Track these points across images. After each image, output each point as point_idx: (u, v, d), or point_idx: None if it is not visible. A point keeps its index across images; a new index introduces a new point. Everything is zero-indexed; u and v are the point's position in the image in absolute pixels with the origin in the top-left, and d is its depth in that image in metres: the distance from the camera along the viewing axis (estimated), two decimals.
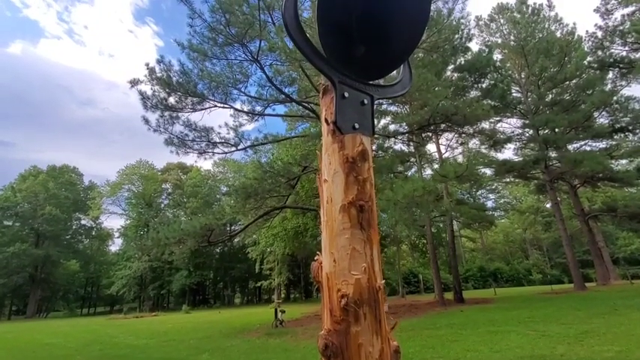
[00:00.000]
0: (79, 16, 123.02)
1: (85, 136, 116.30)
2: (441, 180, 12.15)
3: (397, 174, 18.16)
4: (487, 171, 23.11)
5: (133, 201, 47.50)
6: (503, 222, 47.46)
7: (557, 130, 21.80)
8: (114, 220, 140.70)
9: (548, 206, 36.36)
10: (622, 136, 21.63)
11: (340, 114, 1.24)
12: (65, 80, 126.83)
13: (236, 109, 13.42)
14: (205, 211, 21.08)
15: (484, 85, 19.36)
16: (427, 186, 10.27)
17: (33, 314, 41.51)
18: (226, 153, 14.21)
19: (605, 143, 22.27)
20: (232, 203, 14.98)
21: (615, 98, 20.36)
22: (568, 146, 22.71)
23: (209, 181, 50.15)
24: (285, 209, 17.10)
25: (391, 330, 1.17)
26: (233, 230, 22.58)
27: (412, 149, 19.25)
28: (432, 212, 16.69)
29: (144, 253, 24.18)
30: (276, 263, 34.78)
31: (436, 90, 11.94)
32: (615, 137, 21.59)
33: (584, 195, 30.22)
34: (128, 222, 47.50)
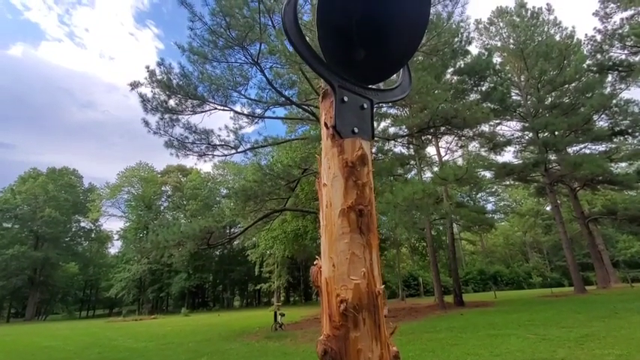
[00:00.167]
0: (80, 19, 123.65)
1: (86, 139, 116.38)
2: (441, 183, 12.15)
3: (397, 177, 18.17)
4: (487, 174, 23.14)
5: (133, 203, 47.47)
6: (503, 225, 47.44)
7: (556, 133, 21.84)
8: (113, 223, 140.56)
9: (548, 209, 36.36)
10: (621, 139, 21.69)
11: (339, 118, 1.24)
12: (66, 83, 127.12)
13: (236, 112, 13.46)
14: (205, 214, 21.08)
15: (484, 88, 19.43)
16: (427, 189, 10.27)
17: (32, 317, 41.40)
18: (226, 155, 14.22)
19: (604, 146, 22.33)
20: (232, 206, 14.98)
21: (614, 101, 20.42)
22: (568, 149, 22.75)
23: (209, 184, 50.15)
24: (284, 212, 17.11)
25: (390, 335, 1.16)
26: (233, 233, 22.55)
27: (412, 152, 19.27)
28: (432, 215, 16.67)
29: (143, 256, 24.12)
30: (275, 266, 34.73)
31: (436, 93, 11.97)
32: (615, 140, 21.65)
33: (584, 198, 30.22)
34: (127, 224, 47.49)
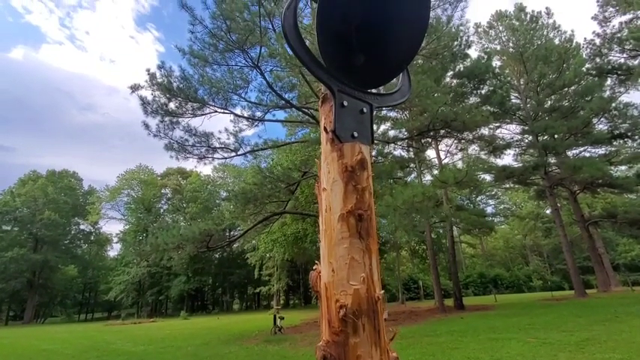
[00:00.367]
0: (81, 22, 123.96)
1: (86, 141, 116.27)
2: (441, 186, 12.15)
3: (397, 180, 18.16)
4: (487, 177, 23.17)
5: (132, 206, 47.42)
6: (503, 228, 47.42)
7: (556, 137, 21.87)
8: (113, 225, 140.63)
9: (548, 212, 36.29)
10: (621, 143, 21.70)
11: (339, 123, 1.23)
12: (66, 85, 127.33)
13: (236, 115, 13.47)
14: (205, 217, 21.03)
15: (483, 92, 19.46)
16: (427, 192, 10.27)
17: (30, 320, 41.21)
18: (226, 158, 14.22)
19: (604, 149, 22.34)
20: (232, 208, 14.96)
21: (614, 105, 20.47)
22: (567, 152, 22.76)
23: (208, 186, 50.10)
24: (284, 215, 17.09)
25: (390, 341, 1.15)
26: (232, 236, 22.48)
27: (412, 155, 19.28)
28: (432, 218, 16.66)
29: (142, 259, 24.09)
30: (275, 269, 34.65)
31: (435, 96, 12.00)
32: (614, 143, 21.67)
33: (584, 201, 30.20)
34: (127, 227, 47.37)
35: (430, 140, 19.21)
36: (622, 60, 21.00)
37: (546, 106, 22.86)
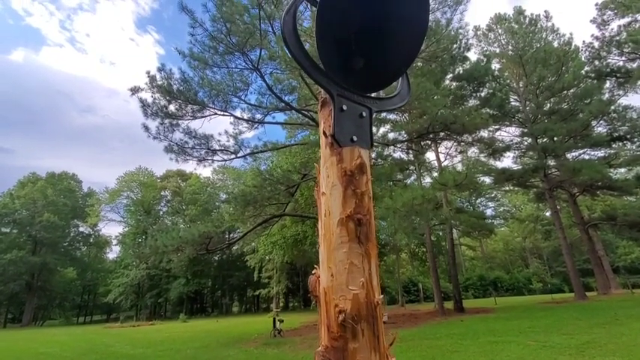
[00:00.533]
0: (81, 25, 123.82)
1: (85, 143, 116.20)
2: (441, 188, 12.17)
3: (396, 182, 18.19)
4: (486, 179, 23.17)
5: (132, 208, 47.33)
6: (502, 230, 47.36)
7: (555, 139, 21.92)
8: (112, 228, 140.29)
9: (547, 214, 36.34)
10: (620, 145, 21.73)
11: (338, 127, 1.23)
12: (66, 87, 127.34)
13: (236, 117, 13.49)
14: (204, 219, 21.01)
15: (483, 94, 19.53)
16: (426, 194, 10.27)
17: (29, 322, 41.05)
18: (226, 160, 14.26)
19: (603, 152, 22.39)
20: (231, 211, 14.95)
21: (613, 107, 20.52)
22: (567, 155, 22.80)
23: (208, 189, 50.06)
24: (284, 217, 17.07)
25: (389, 346, 1.15)
26: (232, 238, 22.46)
27: (411, 157, 19.29)
28: (432, 220, 16.65)
29: (142, 261, 24.02)
30: (274, 271, 34.59)
31: (435, 99, 12.02)
32: (614, 146, 21.70)
33: (583, 203, 30.21)
34: (126, 229, 47.25)
35: (430, 143, 19.22)
36: (621, 63, 21.10)
37: (545, 109, 22.91)
